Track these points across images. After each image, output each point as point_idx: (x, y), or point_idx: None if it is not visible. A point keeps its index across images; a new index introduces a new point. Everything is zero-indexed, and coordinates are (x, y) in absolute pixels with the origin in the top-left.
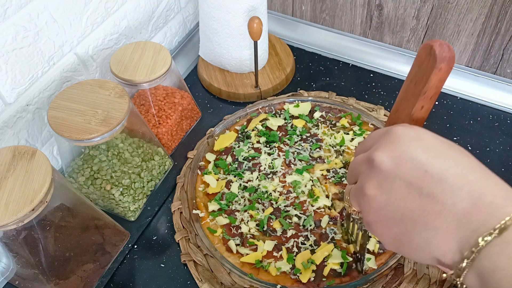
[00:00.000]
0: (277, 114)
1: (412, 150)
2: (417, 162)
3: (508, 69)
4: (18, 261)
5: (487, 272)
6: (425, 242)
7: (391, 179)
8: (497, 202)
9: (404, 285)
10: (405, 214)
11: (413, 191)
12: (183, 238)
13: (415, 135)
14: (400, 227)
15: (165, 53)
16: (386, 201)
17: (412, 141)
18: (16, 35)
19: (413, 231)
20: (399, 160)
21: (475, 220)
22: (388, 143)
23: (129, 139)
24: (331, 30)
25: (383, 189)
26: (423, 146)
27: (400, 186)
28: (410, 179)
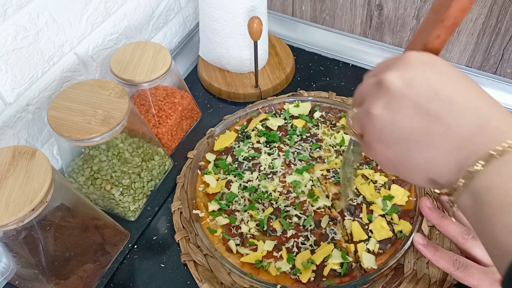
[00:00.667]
0: (277, 114)
1: (424, 73)
2: (428, 84)
3: (508, 69)
4: (18, 261)
5: (482, 190)
6: (426, 161)
7: (399, 98)
8: (501, 127)
9: (404, 285)
10: (409, 133)
11: (420, 111)
12: (183, 238)
13: (429, 60)
14: (402, 146)
15: (165, 53)
16: (392, 120)
17: (425, 65)
18: (16, 35)
19: (414, 150)
20: (410, 81)
21: (478, 142)
22: (400, 65)
23: (129, 139)
24: (331, 30)
25: (390, 108)
26: (435, 70)
27: (408, 106)
28: (419, 100)
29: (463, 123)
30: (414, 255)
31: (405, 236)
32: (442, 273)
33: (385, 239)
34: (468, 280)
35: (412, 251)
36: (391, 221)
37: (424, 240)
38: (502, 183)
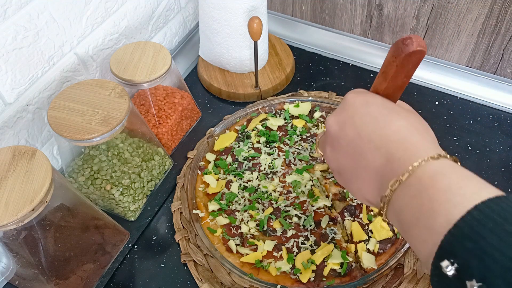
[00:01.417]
0: (277, 114)
1: (355, 116)
2: (355, 126)
3: (508, 69)
4: (18, 261)
5: (398, 212)
6: (358, 189)
7: (337, 139)
8: (405, 156)
9: (404, 285)
10: (345, 167)
11: (350, 149)
12: (183, 238)
13: (363, 102)
14: (344, 176)
15: (165, 53)
16: (335, 157)
17: (357, 108)
18: (16, 35)
19: (350, 180)
20: (342, 125)
21: (388, 172)
22: (340, 109)
23: (129, 139)
24: (331, 30)
25: (333, 147)
26: (365, 112)
27: (343, 145)
28: (349, 140)
29: (377, 157)
30: (414, 255)
31: None
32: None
33: (385, 239)
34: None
35: (412, 251)
36: None
37: None
38: (407, 203)
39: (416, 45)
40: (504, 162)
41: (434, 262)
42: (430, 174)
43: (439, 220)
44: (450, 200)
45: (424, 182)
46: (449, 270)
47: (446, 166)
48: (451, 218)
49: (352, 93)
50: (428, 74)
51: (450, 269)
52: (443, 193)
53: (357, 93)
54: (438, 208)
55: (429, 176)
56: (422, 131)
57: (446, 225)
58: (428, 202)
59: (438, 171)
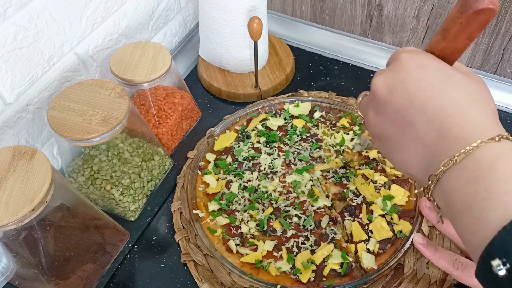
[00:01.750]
0: (277, 114)
1: (407, 80)
2: (407, 92)
3: (508, 69)
4: (18, 261)
5: (447, 194)
6: (402, 160)
7: (383, 104)
8: (462, 134)
9: (404, 285)
10: (390, 135)
11: (398, 117)
12: (183, 238)
13: (417, 64)
14: (386, 144)
15: (165, 53)
16: (379, 123)
17: (410, 71)
18: (16, 35)
19: (394, 150)
20: (392, 89)
21: (440, 149)
22: (390, 69)
23: (129, 139)
24: (331, 30)
25: (378, 112)
26: (419, 77)
27: (390, 111)
28: (398, 107)
29: (429, 130)
30: (414, 255)
31: (405, 236)
32: (442, 273)
33: (385, 239)
34: (467, 280)
35: (412, 251)
36: (391, 221)
37: (424, 240)
38: (460, 187)
39: (488, 2)
40: None
41: (482, 256)
42: (489, 159)
43: (494, 213)
44: (510, 192)
45: (481, 167)
46: (500, 270)
47: (508, 151)
48: (508, 213)
49: (406, 53)
50: None
51: (501, 269)
52: (503, 183)
53: (411, 52)
54: (495, 199)
55: (488, 162)
56: (482, 103)
57: (502, 220)
58: (484, 191)
59: (500, 156)
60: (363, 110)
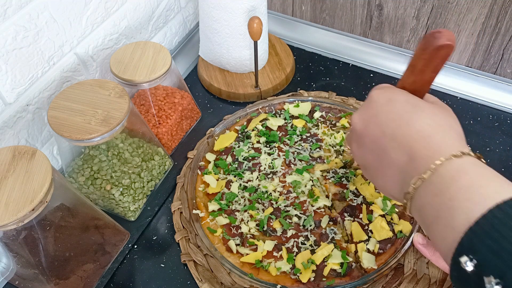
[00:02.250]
0: (277, 114)
1: (379, 114)
2: (379, 124)
3: (508, 69)
4: (18, 261)
5: (420, 208)
6: (383, 184)
7: (361, 137)
8: (428, 155)
9: (404, 285)
10: (370, 163)
11: (375, 146)
12: (183, 238)
13: (387, 99)
14: (369, 171)
15: (165, 53)
16: (361, 153)
17: (381, 105)
18: (16, 35)
19: (375, 175)
20: (367, 123)
21: (410, 170)
22: (364, 106)
23: (129, 139)
24: (331, 30)
25: (358, 144)
26: (388, 110)
27: (367, 142)
28: (373, 138)
29: (400, 155)
30: (414, 255)
31: (405, 236)
32: (442, 273)
33: (385, 239)
34: None
35: (412, 251)
36: (391, 221)
37: (424, 240)
38: (429, 200)
39: (445, 39)
40: (504, 162)
41: (453, 258)
42: (451, 172)
43: (460, 218)
44: (471, 198)
45: (445, 181)
46: (468, 266)
47: (469, 164)
48: (471, 216)
49: (377, 90)
50: None
51: (469, 265)
52: (464, 191)
53: (381, 89)
54: (459, 206)
55: (451, 175)
56: (446, 128)
57: (466, 223)
58: (449, 200)
59: (460, 169)
60: (348, 143)
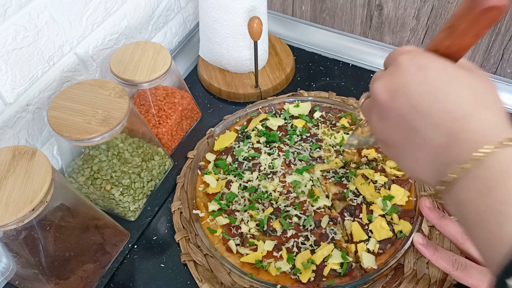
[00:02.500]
0: (277, 114)
1: (409, 84)
2: (409, 97)
3: (508, 69)
4: (18, 261)
5: (460, 203)
6: (411, 166)
7: (386, 110)
8: (471, 139)
9: (404, 285)
10: (396, 141)
11: (403, 123)
12: (183, 238)
13: (418, 66)
14: (393, 150)
15: (165, 53)
16: (384, 128)
17: (411, 74)
18: (16, 35)
19: (402, 156)
20: (394, 94)
21: (449, 155)
22: (390, 73)
23: (129, 139)
24: (331, 30)
25: (381, 117)
26: (421, 80)
27: (393, 117)
28: (401, 112)
29: (436, 136)
30: (414, 255)
31: (405, 236)
32: (442, 273)
33: (385, 239)
34: (467, 280)
35: (412, 251)
36: (391, 221)
37: (424, 240)
38: (472, 198)
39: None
40: None
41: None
42: (501, 167)
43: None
44: None
45: (494, 176)
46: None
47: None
48: None
49: (405, 55)
50: None
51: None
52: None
53: (410, 53)
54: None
55: (500, 170)
56: (490, 102)
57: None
58: (498, 203)
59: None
60: (366, 114)
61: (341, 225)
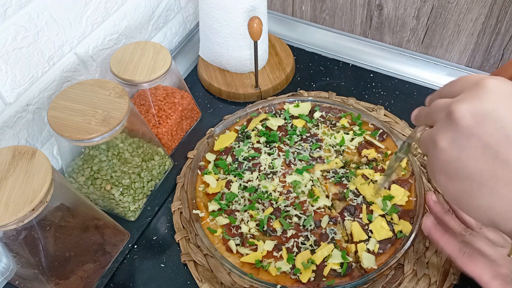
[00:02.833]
0: (277, 114)
1: (500, 110)
2: (501, 125)
3: None
4: (18, 261)
5: None
6: (488, 206)
7: (467, 136)
8: None
9: (404, 285)
10: (472, 174)
11: (488, 153)
12: (183, 238)
13: (509, 93)
14: (464, 185)
15: (165, 53)
16: (457, 157)
17: (502, 100)
18: (16, 35)
19: (477, 192)
20: (481, 119)
21: None
22: (475, 96)
23: (129, 139)
24: (331, 30)
25: (457, 144)
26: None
27: (476, 145)
28: (489, 141)
29: None
30: (414, 255)
31: (405, 236)
32: (442, 273)
33: (385, 239)
34: (471, 267)
35: (412, 251)
36: (391, 221)
37: (433, 223)
38: None
39: None
40: None
41: None
42: None
43: None
44: None
45: None
46: None
47: None
48: None
49: (492, 79)
50: (428, 74)
51: None
52: None
53: (497, 79)
54: None
55: None
56: None
57: None
58: None
59: None
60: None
61: (341, 225)
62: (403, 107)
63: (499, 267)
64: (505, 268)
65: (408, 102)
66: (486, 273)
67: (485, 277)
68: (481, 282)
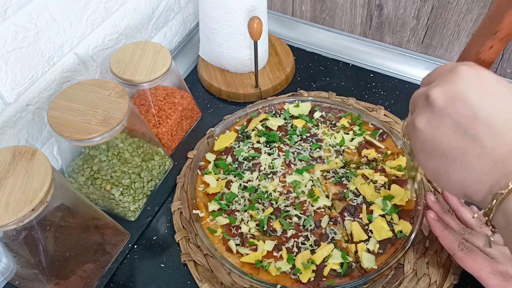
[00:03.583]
0: (277, 114)
1: (468, 91)
2: (469, 104)
3: (508, 69)
4: (18, 261)
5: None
6: (460, 179)
7: (440, 116)
8: None
9: (404, 285)
10: (446, 151)
11: (458, 131)
12: (183, 238)
13: (476, 76)
14: (440, 161)
15: (165, 53)
16: (432, 136)
17: (470, 82)
18: (16, 35)
19: (451, 167)
20: (452, 100)
21: (509, 165)
22: (447, 81)
23: (129, 139)
24: (331, 30)
25: (431, 124)
26: (480, 88)
27: (448, 124)
28: (459, 119)
29: (497, 145)
30: (414, 255)
31: (405, 236)
32: (442, 273)
33: (385, 239)
34: (470, 262)
35: (412, 251)
36: (391, 221)
37: (436, 216)
38: None
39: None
40: None
41: None
42: None
43: None
44: None
45: None
46: None
47: None
48: None
49: (464, 65)
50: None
51: None
52: None
53: (468, 65)
54: None
55: None
56: None
57: None
58: None
59: None
60: (409, 127)
61: (341, 225)
62: (403, 107)
63: (498, 264)
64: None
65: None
66: (485, 268)
67: (484, 272)
68: (480, 277)
